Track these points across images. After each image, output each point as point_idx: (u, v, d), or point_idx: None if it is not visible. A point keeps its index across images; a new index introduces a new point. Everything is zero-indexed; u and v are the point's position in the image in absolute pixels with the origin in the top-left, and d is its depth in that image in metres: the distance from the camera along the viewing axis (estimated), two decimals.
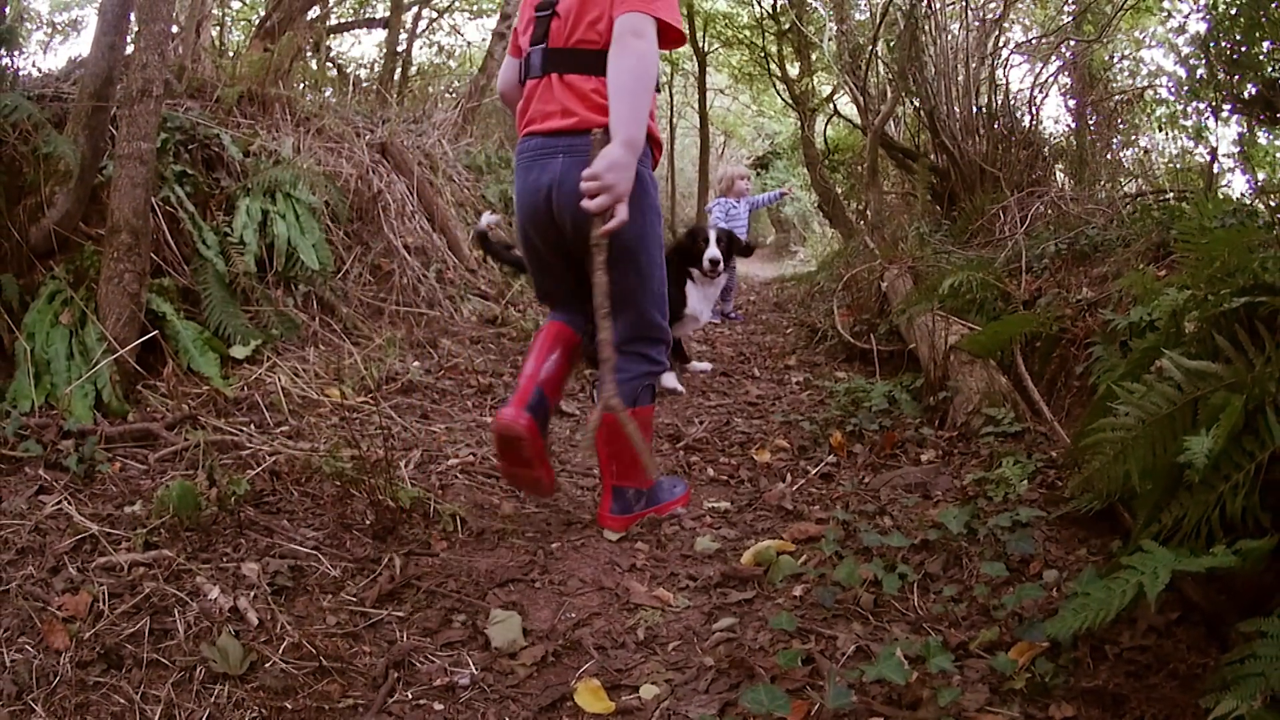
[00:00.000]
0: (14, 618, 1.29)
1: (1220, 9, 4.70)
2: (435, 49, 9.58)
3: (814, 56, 8.27)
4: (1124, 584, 1.12)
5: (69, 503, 1.63)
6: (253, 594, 1.40)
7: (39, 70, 3.53)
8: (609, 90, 1.60)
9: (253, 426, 2.16)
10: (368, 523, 1.73)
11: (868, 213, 6.18)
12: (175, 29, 4.58)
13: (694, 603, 1.58)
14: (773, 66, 8.96)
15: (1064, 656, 1.24)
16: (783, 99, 9.22)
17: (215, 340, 2.49)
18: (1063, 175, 5.38)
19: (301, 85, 4.33)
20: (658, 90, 1.76)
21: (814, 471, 2.23)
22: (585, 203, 1.55)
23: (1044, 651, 1.26)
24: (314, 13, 6.05)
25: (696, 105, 11.74)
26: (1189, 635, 1.30)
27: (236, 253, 2.84)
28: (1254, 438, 1.19)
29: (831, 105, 8.30)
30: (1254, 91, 4.65)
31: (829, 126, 8.12)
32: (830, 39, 6.30)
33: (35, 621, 1.28)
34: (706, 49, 10.88)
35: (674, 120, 12.11)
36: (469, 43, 9.77)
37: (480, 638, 1.42)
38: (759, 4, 8.83)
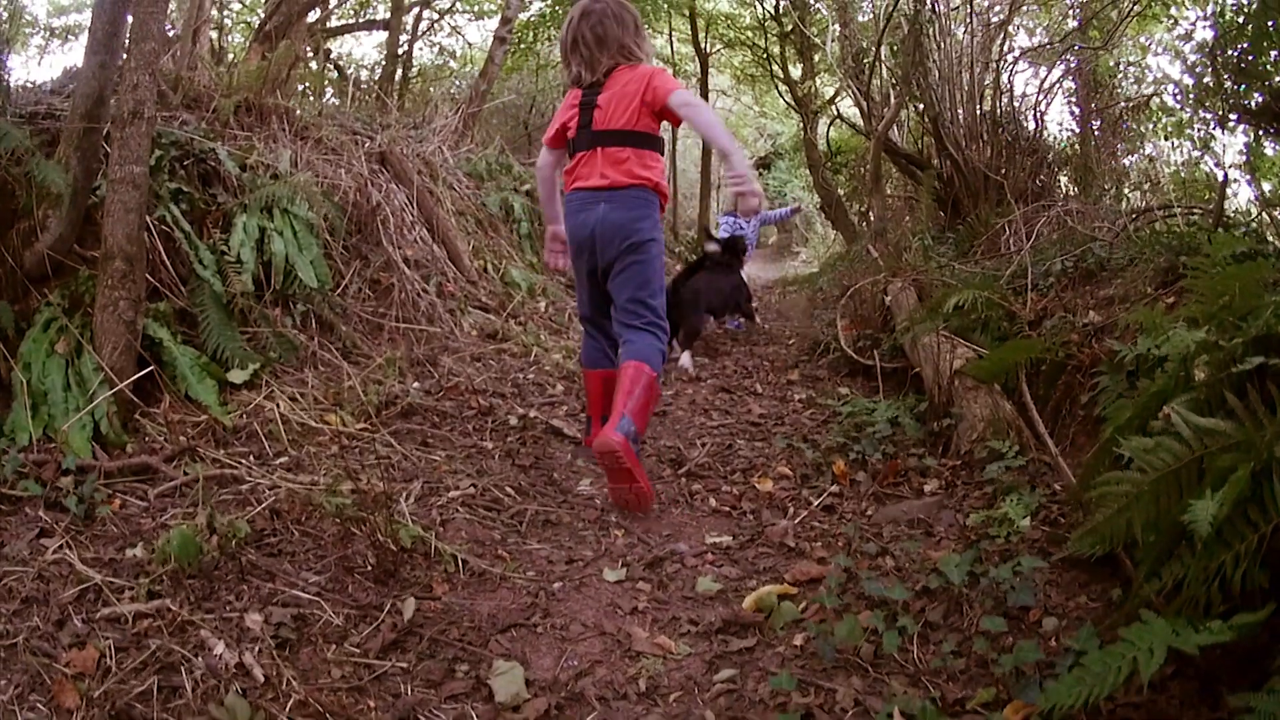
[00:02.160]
0: (23, 674, 1.31)
1: (1228, 16, 4.69)
2: (436, 49, 9.56)
3: (816, 58, 8.24)
4: (1120, 658, 1.15)
5: (70, 547, 1.65)
6: (257, 648, 1.42)
7: (31, 82, 3.52)
8: (710, 131, 2.43)
9: (251, 458, 2.18)
10: (369, 565, 1.75)
11: (870, 215, 6.18)
12: (172, 31, 4.57)
13: (695, 650, 1.60)
14: (775, 68, 8.93)
15: (1057, 713, 1.27)
16: (785, 101, 9.19)
17: (213, 365, 2.51)
18: (1067, 181, 5.38)
19: (302, 88, 4.31)
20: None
21: (816, 503, 2.25)
22: (747, 185, 2.27)
23: (1040, 711, 1.28)
24: (314, 15, 6.02)
25: None
26: (1183, 690, 1.32)
27: (234, 272, 2.85)
28: (1259, 507, 1.21)
29: (834, 108, 8.28)
30: (1260, 100, 4.65)
31: (831, 129, 8.10)
32: (834, 40, 6.27)
33: (45, 679, 1.30)
34: (709, 50, 10.83)
35: None
36: (470, 44, 9.74)
37: (484, 689, 1.45)
38: (761, 5, 8.79)
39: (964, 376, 2.65)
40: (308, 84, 4.58)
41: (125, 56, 2.50)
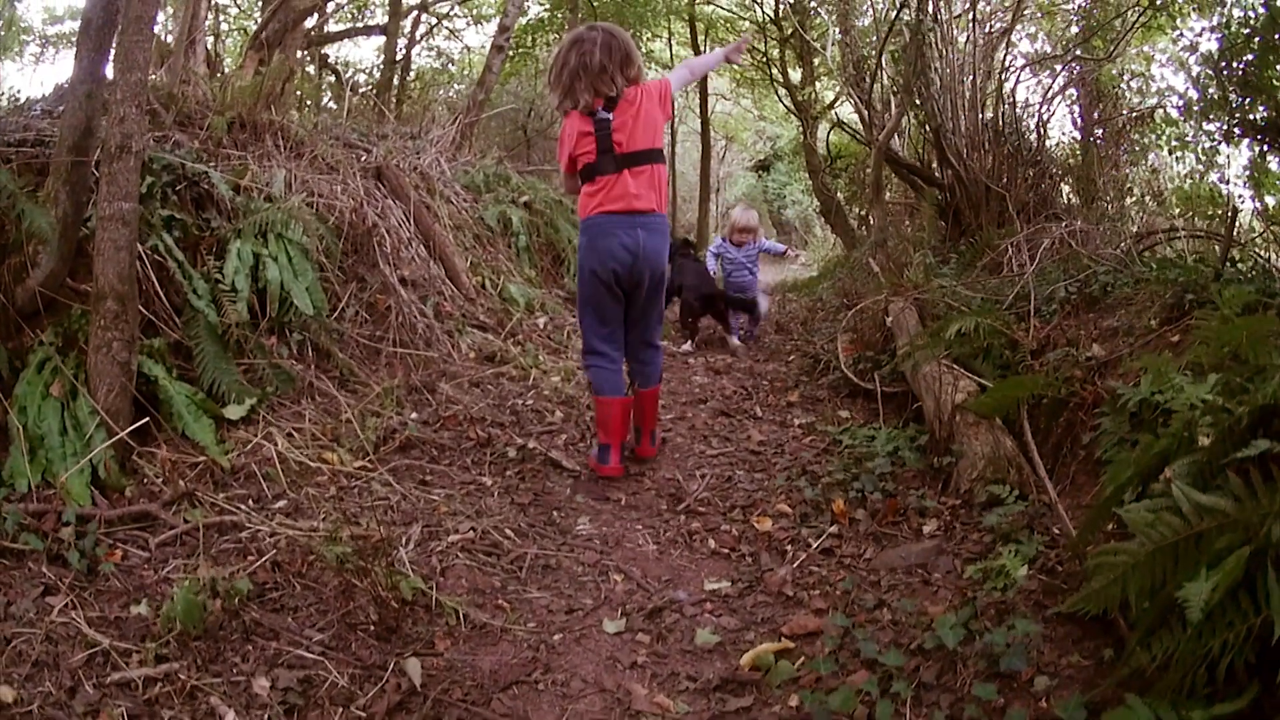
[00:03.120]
0: None
1: (1233, 28, 4.70)
2: (435, 53, 9.53)
3: (816, 62, 8.24)
4: None
5: (75, 606, 1.70)
6: (266, 715, 1.47)
7: (19, 99, 3.53)
8: (703, 68, 3.03)
9: (250, 501, 2.22)
10: (371, 621, 1.80)
11: (871, 220, 6.20)
12: (168, 37, 4.56)
13: (693, 708, 1.66)
14: (774, 72, 8.94)
15: None
16: (785, 105, 9.20)
17: (209, 402, 2.54)
18: (1069, 191, 5.42)
19: (298, 95, 4.31)
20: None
21: (815, 545, 2.30)
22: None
23: None
24: (311, 20, 6.01)
25: (698, 110, 11.77)
26: None
27: (228, 301, 2.87)
28: (1251, 595, 1.26)
29: (834, 114, 8.29)
30: (1264, 113, 4.67)
31: (831, 133, 8.11)
32: (834, 44, 6.27)
33: None
34: (708, 52, 10.86)
35: (675, 124, 12.12)
36: (468, 47, 9.71)
37: None
38: (761, 9, 8.77)
39: (965, 412, 2.70)
40: (302, 95, 4.58)
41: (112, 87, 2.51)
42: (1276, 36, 4.35)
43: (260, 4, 6.81)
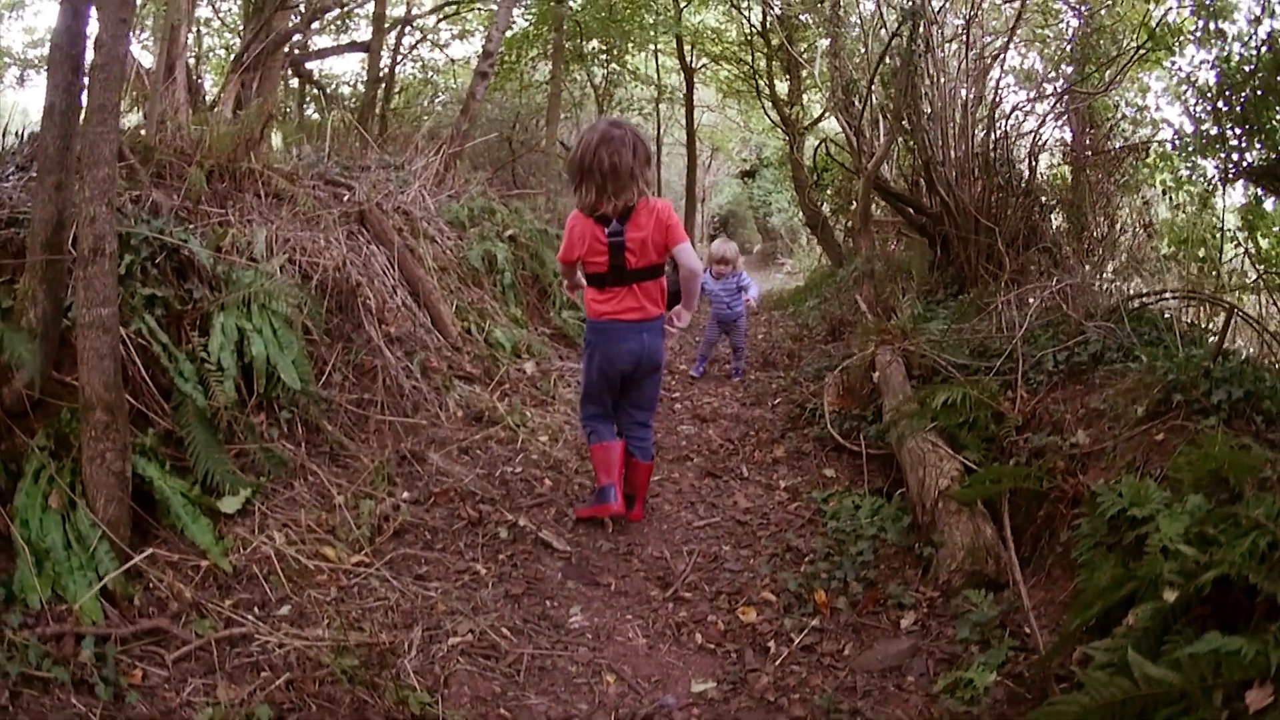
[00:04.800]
0: None
1: (1233, 63, 4.90)
2: (419, 65, 9.49)
3: (804, 74, 8.38)
4: None
5: None
6: None
7: None
8: (689, 287, 3.06)
9: (256, 609, 2.42)
10: None
11: (855, 239, 6.41)
12: (149, 62, 4.58)
13: None
14: (761, 84, 9.08)
15: None
16: (770, 119, 9.34)
17: (205, 498, 2.71)
18: (1059, 220, 5.66)
19: (275, 140, 4.40)
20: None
21: (797, 642, 2.55)
22: (676, 325, 3.18)
23: None
24: (296, 33, 6.00)
25: (684, 120, 11.91)
26: None
27: (215, 381, 3.01)
28: None
29: (822, 131, 8.44)
30: (1260, 151, 4.90)
31: (819, 150, 8.29)
32: (822, 56, 6.41)
33: None
34: (694, 65, 10.91)
35: (660, 134, 12.21)
36: (453, 60, 9.66)
37: None
38: (748, 22, 8.86)
39: (948, 499, 2.95)
40: (285, 135, 4.66)
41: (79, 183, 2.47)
42: (1278, 78, 4.54)
43: (242, 20, 6.78)
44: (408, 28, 8.58)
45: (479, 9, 8.18)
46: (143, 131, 4.10)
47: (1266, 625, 1.67)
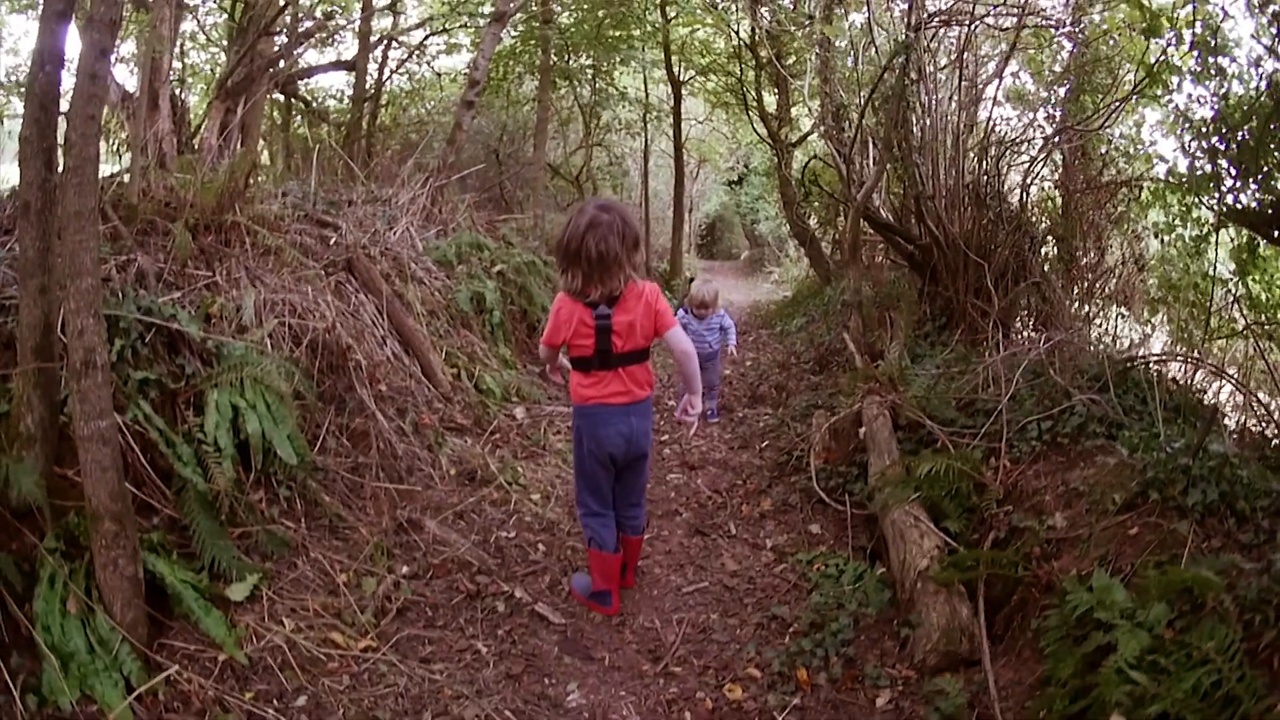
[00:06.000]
0: None
1: (1232, 101, 5.08)
2: (406, 77, 9.44)
3: (792, 89, 8.52)
4: None
5: None
6: None
7: None
8: (688, 368, 3.21)
9: (275, 701, 2.66)
10: None
11: (843, 264, 6.64)
12: (133, 88, 4.62)
13: None
14: (749, 97, 9.18)
15: None
16: (758, 134, 9.48)
17: (214, 587, 2.92)
18: (1048, 252, 5.92)
19: (262, 181, 4.52)
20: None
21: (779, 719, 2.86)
22: (690, 413, 3.34)
23: None
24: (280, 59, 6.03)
25: (670, 133, 11.98)
26: None
27: (214, 462, 3.19)
28: None
29: (810, 146, 8.60)
30: (1255, 191, 5.11)
31: (807, 168, 8.47)
32: (812, 72, 6.55)
33: None
34: (682, 77, 10.96)
35: (648, 145, 12.26)
36: (439, 74, 9.61)
37: None
38: (737, 35, 8.95)
39: (927, 578, 3.24)
40: (269, 180, 4.77)
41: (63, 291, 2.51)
42: (1274, 124, 4.73)
43: (226, 43, 6.77)
44: (394, 43, 8.59)
45: (466, 25, 8.20)
46: (125, 178, 4.22)
47: None
